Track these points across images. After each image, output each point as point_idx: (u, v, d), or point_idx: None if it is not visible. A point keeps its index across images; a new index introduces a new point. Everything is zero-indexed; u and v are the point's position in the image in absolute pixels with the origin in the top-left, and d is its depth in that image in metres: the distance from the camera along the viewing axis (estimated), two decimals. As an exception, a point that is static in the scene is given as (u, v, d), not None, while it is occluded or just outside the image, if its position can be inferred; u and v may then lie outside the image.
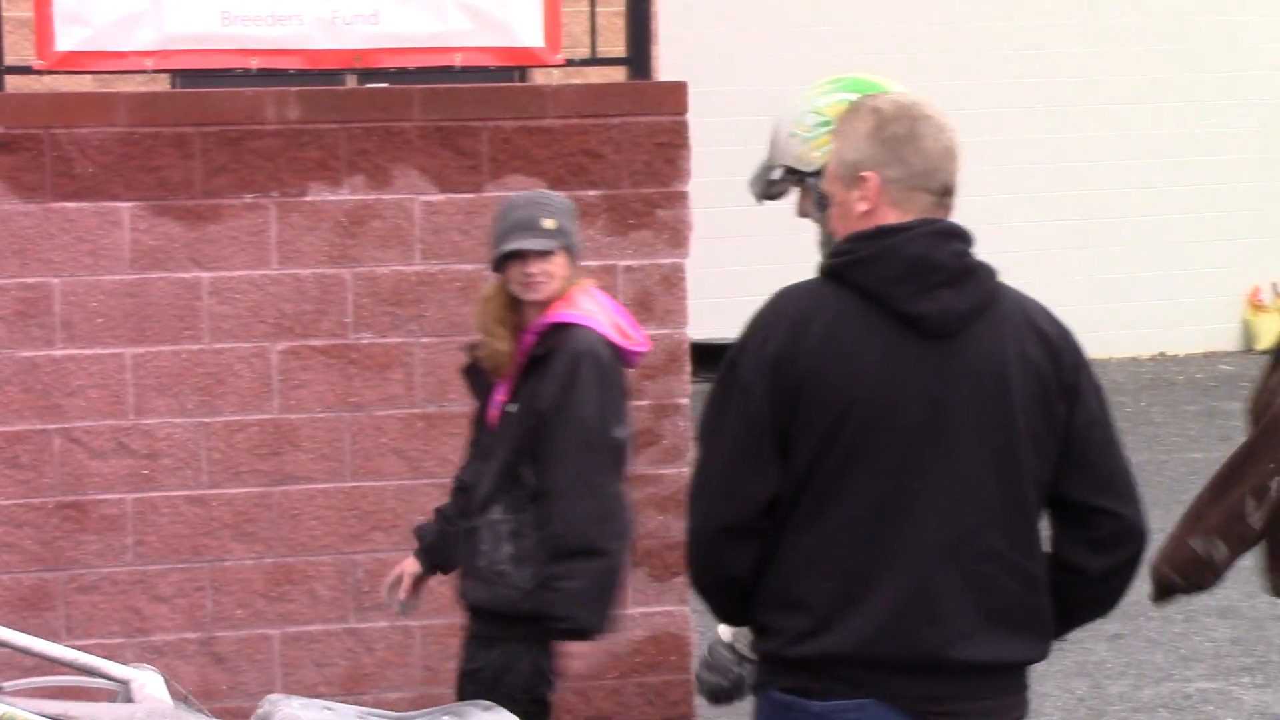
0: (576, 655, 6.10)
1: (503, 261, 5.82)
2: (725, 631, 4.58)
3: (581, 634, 5.85)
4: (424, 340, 7.58)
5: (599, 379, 5.72)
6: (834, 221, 4.01)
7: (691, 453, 7.78)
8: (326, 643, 7.45)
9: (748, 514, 3.71)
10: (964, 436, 3.80)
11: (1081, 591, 3.94)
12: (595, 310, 5.91)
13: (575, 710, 7.70)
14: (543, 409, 5.71)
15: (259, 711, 4.60)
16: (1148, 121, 20.59)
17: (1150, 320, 20.10)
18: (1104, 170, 20.22)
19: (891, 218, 3.77)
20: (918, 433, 3.75)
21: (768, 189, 4.99)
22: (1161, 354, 20.49)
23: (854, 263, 3.76)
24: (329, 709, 4.71)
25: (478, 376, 6.09)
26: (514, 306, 5.89)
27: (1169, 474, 14.01)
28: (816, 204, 4.80)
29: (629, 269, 8.07)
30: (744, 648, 4.57)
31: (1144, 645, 9.72)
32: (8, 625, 5.90)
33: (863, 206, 3.77)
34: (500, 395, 5.97)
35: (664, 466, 8.17)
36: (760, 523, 3.72)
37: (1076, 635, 9.19)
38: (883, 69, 15.94)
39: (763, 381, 3.73)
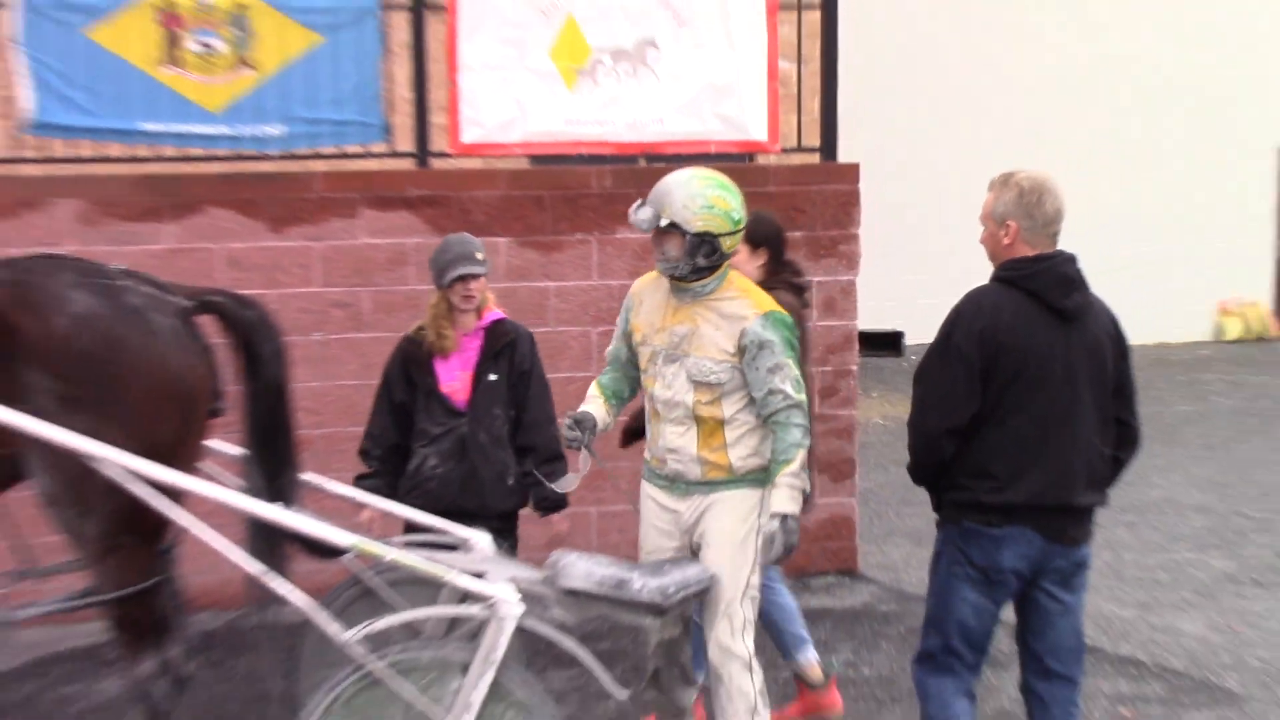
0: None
1: (453, 281, 6.42)
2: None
3: (558, 507, 6.62)
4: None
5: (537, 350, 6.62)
6: (986, 241, 5.33)
7: (858, 400, 9.22)
8: (626, 517, 8.39)
9: (960, 422, 5.08)
10: (1083, 381, 5.10)
11: (1113, 470, 5.32)
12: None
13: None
14: (526, 369, 6.57)
15: (549, 560, 5.53)
16: (1156, 179, 22.52)
17: (1155, 320, 21.54)
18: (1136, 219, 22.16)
19: (1023, 249, 5.13)
20: (1061, 377, 5.06)
21: (648, 227, 5.62)
22: (1162, 343, 22.22)
23: (1026, 276, 5.08)
24: (596, 560, 5.56)
25: (416, 362, 6.65)
26: (451, 311, 6.57)
27: (1167, 419, 15.62)
28: (687, 251, 5.54)
29: (820, 283, 9.33)
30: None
31: (1150, 529, 11.06)
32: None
33: (1006, 240, 5.14)
34: (458, 370, 6.61)
35: (839, 409, 9.55)
36: (963, 427, 5.08)
37: (1105, 520, 8.98)
38: (1007, 143, 18.03)
39: (973, 345, 5.02)
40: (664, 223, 5.51)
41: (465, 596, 5.33)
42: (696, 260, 5.53)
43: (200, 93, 8.87)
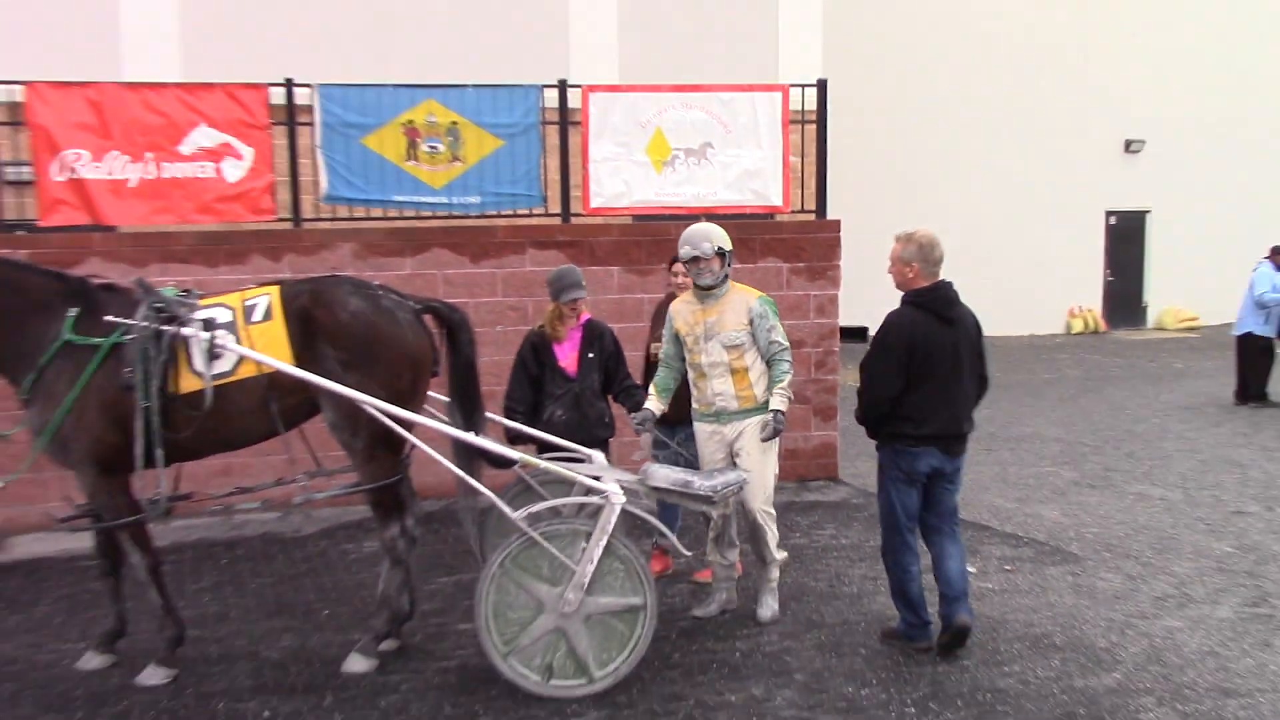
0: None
1: (566, 299, 6.46)
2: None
3: (637, 408, 6.34)
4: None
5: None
6: (896, 275, 5.46)
7: (839, 370, 9.19)
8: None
9: (894, 393, 5.38)
10: (962, 360, 5.37)
11: (974, 407, 5.53)
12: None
13: (787, 472, 8.89)
14: (612, 350, 6.57)
15: (640, 469, 5.65)
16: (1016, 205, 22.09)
17: (1027, 319, 21.87)
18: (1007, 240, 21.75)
19: (923, 282, 5.37)
20: (950, 360, 5.34)
21: (713, 254, 5.95)
22: (1032, 334, 21.86)
23: (926, 300, 5.35)
24: (671, 469, 5.68)
25: (542, 348, 6.56)
26: (562, 315, 6.54)
27: (1034, 383, 15.57)
28: (724, 263, 6.00)
29: (814, 295, 9.53)
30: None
31: (1025, 452, 10.80)
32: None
33: (910, 275, 5.38)
34: (569, 353, 6.54)
35: (827, 375, 9.63)
36: (895, 395, 5.35)
37: (996, 446, 9.95)
38: (939, 198, 18.27)
39: (901, 345, 5.31)
40: (717, 249, 5.96)
41: (589, 491, 5.42)
42: (726, 269, 6.00)
43: (429, 176, 9.02)
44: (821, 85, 9.66)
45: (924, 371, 5.29)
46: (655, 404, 6.19)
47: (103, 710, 5.02)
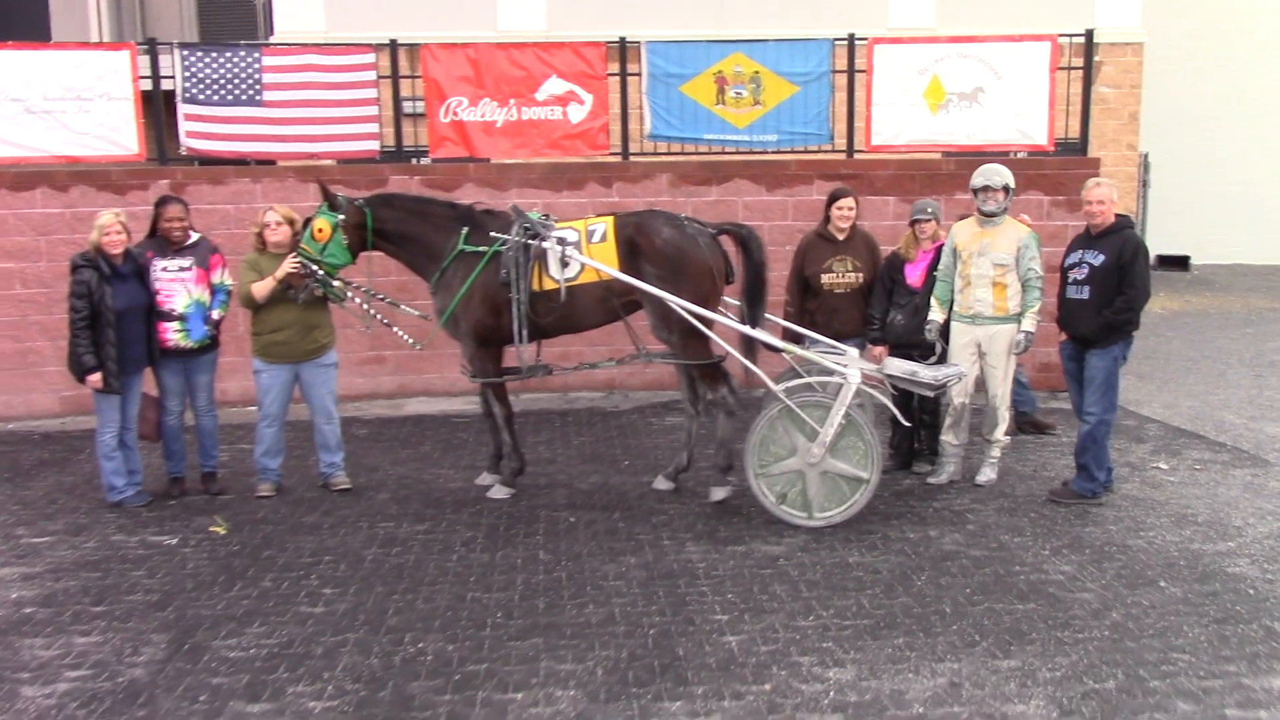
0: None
1: (914, 223, 7.39)
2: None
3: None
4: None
5: None
6: (1104, 214, 6.83)
7: None
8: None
9: None
10: None
11: None
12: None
13: (1039, 383, 9.73)
14: None
15: (883, 361, 6.70)
16: None
17: None
18: None
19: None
20: None
21: (1001, 185, 7.07)
22: None
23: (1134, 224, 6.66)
24: (904, 362, 6.58)
25: (895, 266, 7.45)
26: (916, 239, 7.38)
27: None
28: (1006, 196, 7.02)
29: (1071, 226, 10.04)
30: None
31: None
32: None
33: (1112, 211, 7.97)
34: (918, 270, 7.43)
35: None
36: None
37: None
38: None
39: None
40: (1004, 185, 7.17)
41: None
42: (1007, 202, 7.17)
43: (734, 118, 10.48)
44: (1089, 35, 10.53)
45: None
46: (938, 313, 7.26)
47: (464, 509, 7.14)
